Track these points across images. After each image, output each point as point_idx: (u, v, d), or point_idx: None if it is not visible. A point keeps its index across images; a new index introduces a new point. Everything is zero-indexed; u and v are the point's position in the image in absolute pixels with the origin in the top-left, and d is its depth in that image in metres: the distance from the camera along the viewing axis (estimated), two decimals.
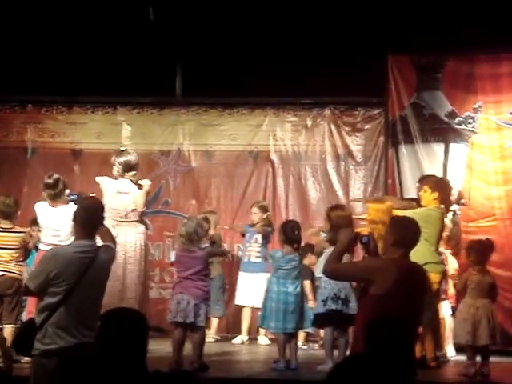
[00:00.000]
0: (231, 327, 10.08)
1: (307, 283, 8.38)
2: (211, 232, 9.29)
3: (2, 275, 7.74)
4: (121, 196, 7.82)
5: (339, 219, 7.09)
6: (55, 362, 4.94)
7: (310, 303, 8.09)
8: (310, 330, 8.53)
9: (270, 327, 7.74)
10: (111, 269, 5.51)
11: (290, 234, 7.67)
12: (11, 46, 10.37)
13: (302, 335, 9.45)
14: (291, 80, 10.15)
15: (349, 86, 9.95)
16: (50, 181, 7.73)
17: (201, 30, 10.07)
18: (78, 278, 5.04)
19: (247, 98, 10.61)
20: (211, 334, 9.51)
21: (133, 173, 7.89)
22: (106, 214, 7.43)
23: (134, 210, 7.84)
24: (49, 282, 5.01)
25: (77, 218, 5.31)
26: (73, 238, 6.99)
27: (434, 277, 7.47)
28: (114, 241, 5.56)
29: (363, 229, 6.45)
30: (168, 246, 10.46)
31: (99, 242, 5.51)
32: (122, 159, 7.90)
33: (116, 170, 7.91)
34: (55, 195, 7.68)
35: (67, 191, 7.72)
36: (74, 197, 7.54)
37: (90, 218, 5.27)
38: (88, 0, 9.56)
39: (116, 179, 7.94)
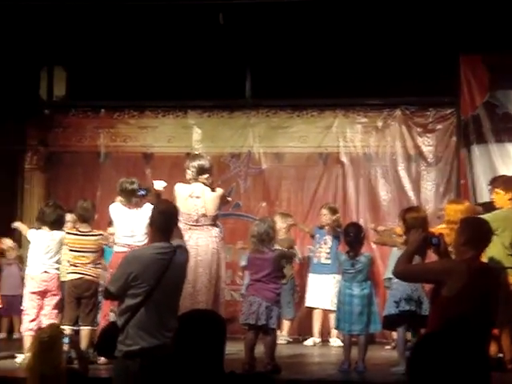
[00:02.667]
0: (302, 329, 10.07)
1: None
2: (283, 234, 9.31)
3: (80, 278, 7.89)
4: (192, 200, 7.87)
5: (414, 221, 7.03)
6: (138, 363, 5.00)
7: None
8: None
9: (344, 329, 7.74)
10: None
11: (354, 236, 7.66)
12: (84, 53, 10.54)
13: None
14: (361, 81, 10.11)
15: (420, 86, 9.88)
16: (132, 187, 7.87)
17: (270, 32, 10.08)
18: (157, 279, 5.10)
19: (317, 99, 10.60)
20: (283, 336, 9.53)
21: (206, 176, 7.93)
22: (179, 218, 7.59)
23: (204, 215, 7.87)
24: (129, 284, 5.08)
25: (153, 222, 5.38)
26: (147, 238, 7.14)
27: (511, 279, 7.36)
28: (181, 237, 5.62)
29: (439, 227, 6.37)
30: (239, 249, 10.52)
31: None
32: (195, 163, 7.95)
33: (189, 173, 7.96)
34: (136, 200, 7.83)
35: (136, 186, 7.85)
36: (143, 192, 7.65)
37: (166, 221, 5.34)
38: (159, 5, 9.63)
39: (189, 183, 8.00)
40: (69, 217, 9.08)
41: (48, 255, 7.95)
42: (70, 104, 11.13)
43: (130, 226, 7.80)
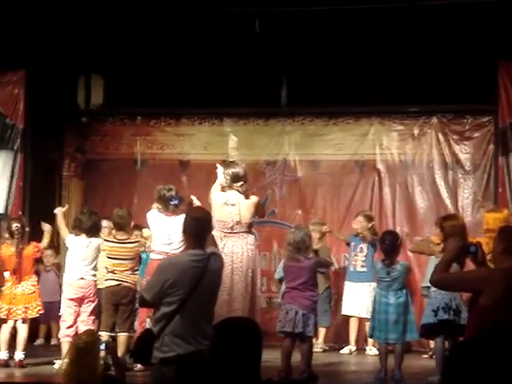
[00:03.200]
0: (338, 337, 10.04)
1: None
2: (317, 242, 9.28)
3: (118, 285, 7.94)
4: (228, 208, 7.87)
5: (452, 229, 6.98)
6: (174, 370, 5.01)
7: None
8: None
9: (379, 337, 7.69)
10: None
11: (390, 244, 7.63)
12: (121, 61, 10.61)
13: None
14: (397, 88, 10.07)
15: (457, 93, 9.80)
16: (173, 193, 7.91)
17: (306, 40, 10.08)
18: (193, 286, 5.10)
19: (353, 107, 10.57)
20: (319, 344, 9.51)
21: (240, 183, 7.93)
22: (214, 226, 7.60)
23: (239, 223, 7.87)
24: (164, 292, 5.08)
25: (187, 229, 5.37)
26: (184, 246, 7.15)
27: None
28: (215, 244, 5.61)
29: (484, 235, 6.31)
30: (275, 256, 10.52)
31: None
32: (229, 170, 7.96)
33: (224, 181, 7.97)
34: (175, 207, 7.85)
35: (170, 195, 7.88)
36: (176, 201, 7.67)
37: (199, 228, 5.33)
38: (195, 13, 9.68)
39: (224, 190, 8.01)
40: (105, 223, 9.15)
41: (85, 262, 8.00)
42: (107, 112, 11.21)
43: (166, 234, 7.82)
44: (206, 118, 10.97)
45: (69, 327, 7.92)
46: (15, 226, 8.23)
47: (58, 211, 8.35)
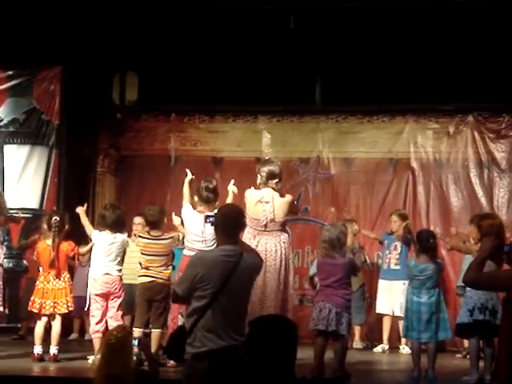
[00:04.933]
0: (372, 336, 10.00)
1: None
2: (349, 241, 9.24)
3: (152, 281, 7.94)
4: (262, 205, 7.85)
5: (490, 228, 6.92)
6: (206, 365, 5.01)
7: None
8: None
9: (412, 337, 7.64)
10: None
11: (425, 242, 7.60)
12: (155, 58, 10.65)
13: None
14: (433, 86, 10.01)
15: (493, 91, 9.72)
16: (211, 185, 7.92)
17: (341, 37, 10.05)
18: (223, 281, 5.08)
19: (387, 105, 10.52)
20: (356, 341, 9.54)
21: (275, 181, 7.91)
22: (248, 223, 7.60)
23: (272, 221, 7.86)
24: (195, 286, 5.08)
25: (217, 224, 5.35)
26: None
27: None
28: (254, 251, 5.59)
29: None
30: (307, 254, 10.50)
31: None
32: (266, 168, 7.94)
33: (260, 178, 7.96)
34: (213, 200, 7.84)
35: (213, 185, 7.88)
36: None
37: (229, 223, 5.29)
38: (230, 10, 9.69)
39: (259, 188, 8.00)
40: (139, 220, 9.19)
41: (110, 257, 8.03)
42: (142, 108, 11.26)
43: (200, 231, 7.82)
44: (239, 115, 10.97)
45: (98, 322, 7.96)
46: (55, 219, 8.28)
47: (80, 210, 8.38)
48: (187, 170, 8.25)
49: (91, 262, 8.18)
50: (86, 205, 8.54)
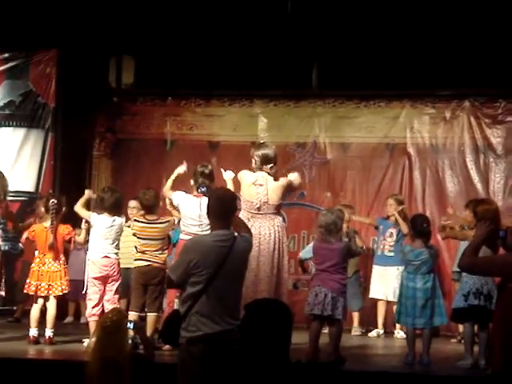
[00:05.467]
0: (366, 321, 10.02)
1: None
2: (345, 226, 9.24)
3: (148, 265, 7.95)
4: (255, 188, 7.84)
5: (485, 213, 6.93)
6: (201, 349, 5.02)
7: None
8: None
9: (406, 323, 7.67)
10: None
11: (419, 227, 7.61)
12: (152, 42, 10.62)
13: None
14: (429, 71, 10.00)
15: (489, 76, 9.71)
16: (207, 171, 7.91)
17: (338, 22, 10.03)
18: (218, 266, 5.09)
19: (384, 90, 10.50)
20: (355, 328, 9.59)
21: (270, 165, 7.89)
22: (242, 206, 7.60)
23: (266, 203, 7.84)
24: (189, 272, 5.08)
25: (210, 210, 5.33)
26: None
27: None
28: (249, 231, 5.59)
29: None
30: (303, 238, 10.51)
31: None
32: (259, 152, 7.92)
33: (254, 162, 7.95)
34: (209, 185, 7.84)
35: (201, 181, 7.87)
36: (203, 189, 7.66)
37: (223, 208, 5.28)
38: None
39: (254, 172, 7.99)
40: (134, 204, 9.19)
41: (108, 240, 8.03)
42: (138, 92, 11.23)
43: (196, 215, 7.81)
44: (236, 100, 10.95)
45: (95, 306, 7.96)
46: (52, 201, 8.27)
47: (88, 192, 8.38)
48: (184, 162, 8.23)
49: (89, 244, 8.17)
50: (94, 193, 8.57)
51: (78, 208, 8.23)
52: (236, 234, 5.31)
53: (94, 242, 8.07)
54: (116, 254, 8.07)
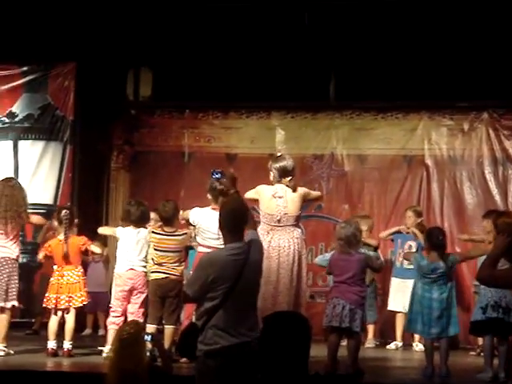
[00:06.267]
0: (385, 333, 9.98)
1: None
2: (364, 237, 9.21)
3: (166, 277, 7.92)
4: (275, 200, 7.83)
5: (506, 226, 6.88)
6: (219, 362, 5.01)
7: None
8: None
9: (415, 330, 7.63)
10: (265, 273, 5.52)
11: (435, 240, 7.56)
12: (170, 54, 10.66)
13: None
14: (447, 83, 9.98)
15: (508, 88, 9.68)
16: (222, 187, 7.87)
17: (355, 33, 10.03)
18: (235, 280, 5.08)
19: (401, 101, 10.49)
20: (370, 340, 9.53)
21: (289, 178, 7.88)
22: (261, 220, 7.60)
23: (286, 215, 7.83)
24: (206, 288, 5.07)
25: (222, 223, 5.28)
26: None
27: None
28: (254, 227, 5.57)
29: None
30: (320, 251, 10.48)
31: None
32: (278, 165, 7.91)
33: (273, 175, 7.94)
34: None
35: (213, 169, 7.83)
36: (218, 175, 7.60)
37: (235, 221, 5.25)
38: (244, 6, 9.69)
39: (272, 185, 7.98)
40: (152, 215, 9.19)
41: (135, 252, 8.05)
42: (156, 105, 11.27)
43: (215, 228, 7.79)
44: (253, 112, 10.96)
45: (117, 316, 7.98)
46: (64, 211, 8.31)
47: (103, 230, 8.55)
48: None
49: (116, 258, 8.18)
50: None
51: (103, 229, 8.29)
52: (247, 238, 5.27)
53: (121, 255, 8.10)
54: (143, 266, 8.06)
